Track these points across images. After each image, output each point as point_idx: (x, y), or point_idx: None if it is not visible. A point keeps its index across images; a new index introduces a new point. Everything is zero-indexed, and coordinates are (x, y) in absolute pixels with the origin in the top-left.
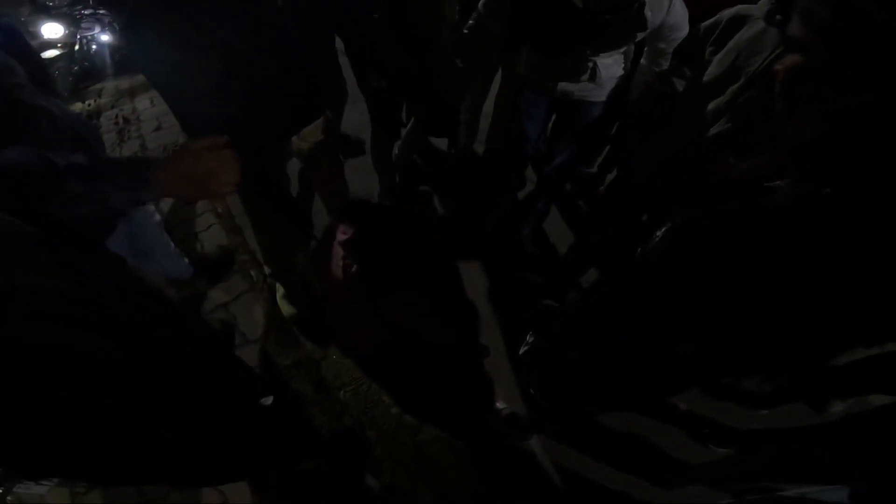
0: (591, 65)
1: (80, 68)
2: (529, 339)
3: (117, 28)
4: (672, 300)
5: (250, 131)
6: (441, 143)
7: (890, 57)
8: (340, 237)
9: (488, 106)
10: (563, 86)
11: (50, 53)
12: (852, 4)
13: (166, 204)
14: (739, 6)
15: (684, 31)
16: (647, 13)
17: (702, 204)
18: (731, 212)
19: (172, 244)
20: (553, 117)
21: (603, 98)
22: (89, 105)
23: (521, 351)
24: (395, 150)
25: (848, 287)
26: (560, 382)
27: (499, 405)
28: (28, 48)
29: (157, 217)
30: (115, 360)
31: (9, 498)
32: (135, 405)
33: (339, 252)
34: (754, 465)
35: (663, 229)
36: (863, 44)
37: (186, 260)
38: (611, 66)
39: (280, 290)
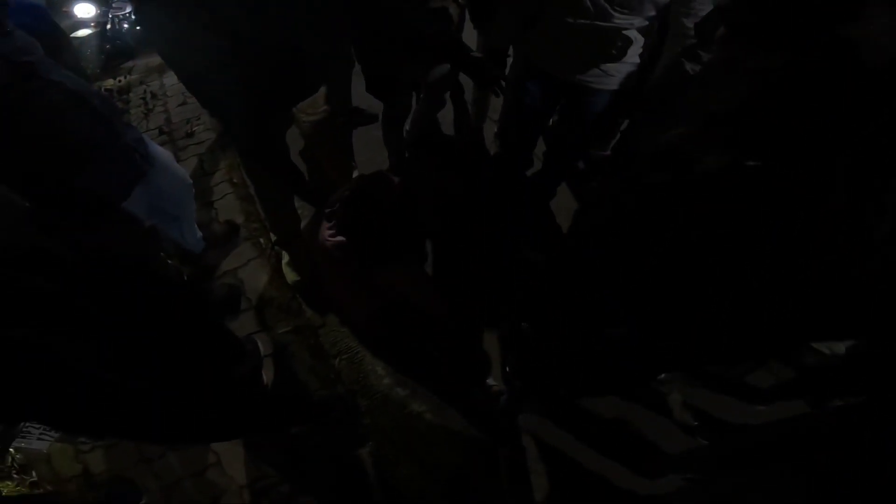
0: (601, 39)
1: (112, 46)
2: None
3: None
4: (607, 271)
5: (254, 102)
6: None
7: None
8: (328, 209)
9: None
10: (570, 68)
11: (83, 32)
12: None
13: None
14: None
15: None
16: None
17: (624, 179)
18: (648, 185)
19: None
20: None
21: (613, 87)
22: (119, 81)
23: (499, 331)
24: (406, 127)
25: (773, 262)
26: (533, 362)
27: (490, 382)
28: (55, 27)
29: (190, 181)
30: (114, 322)
31: (17, 455)
32: (129, 364)
33: (325, 224)
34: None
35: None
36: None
37: (200, 234)
38: (633, 44)
39: (285, 258)
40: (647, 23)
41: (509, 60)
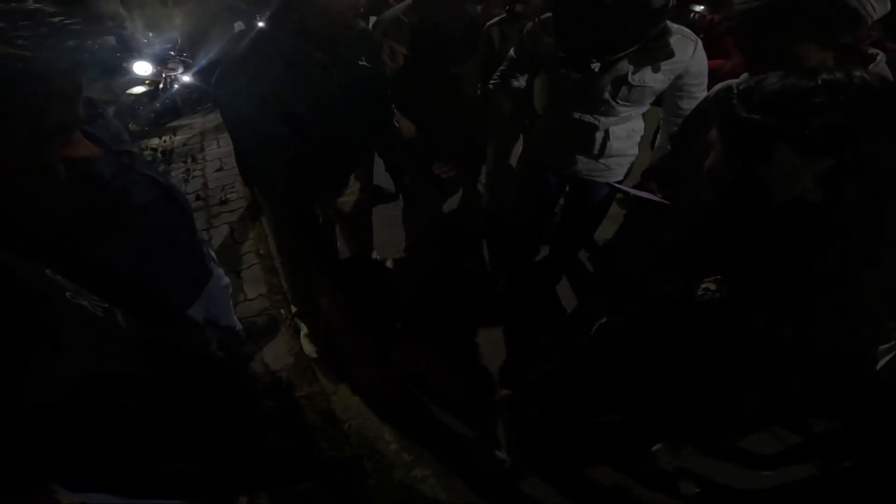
0: (601, 135)
1: (162, 105)
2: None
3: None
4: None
5: (301, 181)
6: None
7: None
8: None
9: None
10: (570, 162)
11: (137, 90)
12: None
13: (215, 241)
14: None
15: (704, 82)
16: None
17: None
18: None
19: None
20: (562, 196)
21: (616, 178)
22: (164, 142)
23: (502, 404)
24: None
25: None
26: (535, 437)
27: (498, 454)
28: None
29: (227, 281)
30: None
31: None
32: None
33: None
34: None
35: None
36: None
37: (240, 326)
38: (623, 139)
39: (303, 329)
40: (648, 108)
41: None
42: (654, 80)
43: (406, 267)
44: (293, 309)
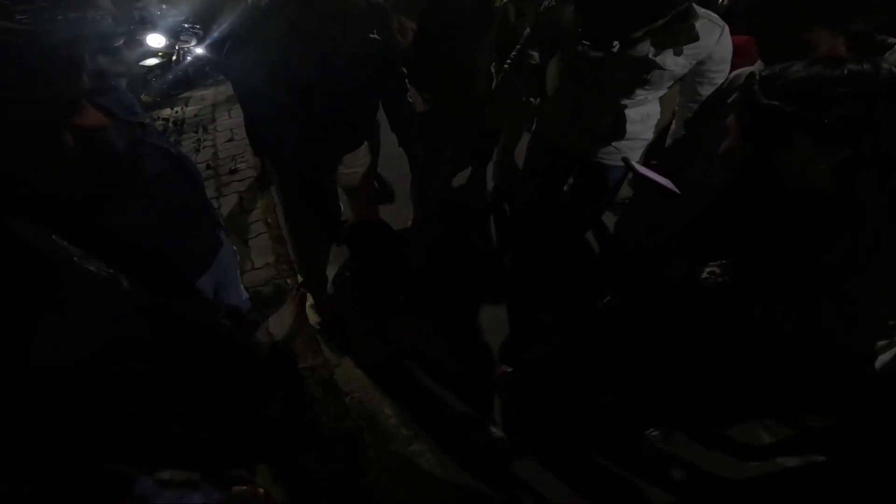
0: (615, 118)
1: (174, 77)
2: (502, 374)
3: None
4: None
5: (312, 148)
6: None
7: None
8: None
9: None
10: (581, 143)
11: (151, 61)
12: None
13: (224, 210)
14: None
15: (726, 70)
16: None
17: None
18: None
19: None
20: (571, 176)
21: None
22: (176, 112)
23: (501, 382)
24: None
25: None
26: (534, 417)
27: (492, 430)
28: None
29: (234, 249)
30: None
31: None
32: (195, 418)
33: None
34: None
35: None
36: None
37: (246, 295)
38: (637, 123)
39: (309, 300)
40: (665, 92)
41: None
42: (674, 63)
43: (412, 240)
44: (299, 279)
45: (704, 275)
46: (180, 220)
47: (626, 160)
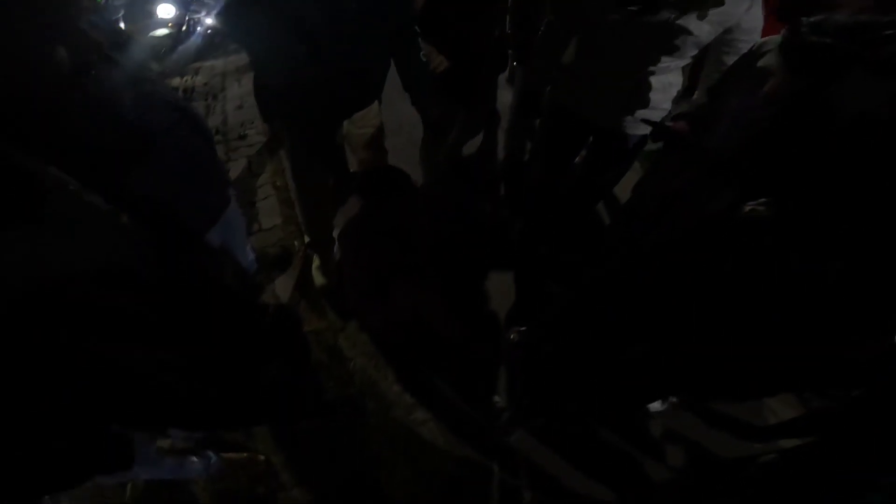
0: (634, 85)
1: (184, 47)
2: (514, 333)
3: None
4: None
5: (322, 104)
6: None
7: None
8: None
9: None
10: (598, 110)
11: (160, 32)
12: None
13: (233, 174)
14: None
15: (754, 39)
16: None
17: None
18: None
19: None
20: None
21: (646, 132)
22: (185, 81)
23: (508, 344)
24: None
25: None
26: (543, 377)
27: (496, 399)
28: None
29: (239, 210)
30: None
31: None
32: (191, 370)
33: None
34: None
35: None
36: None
37: (252, 255)
38: (658, 91)
39: (315, 262)
40: (689, 61)
41: None
42: (699, 28)
43: (420, 202)
44: (306, 240)
45: (746, 210)
46: (190, 173)
47: (644, 119)
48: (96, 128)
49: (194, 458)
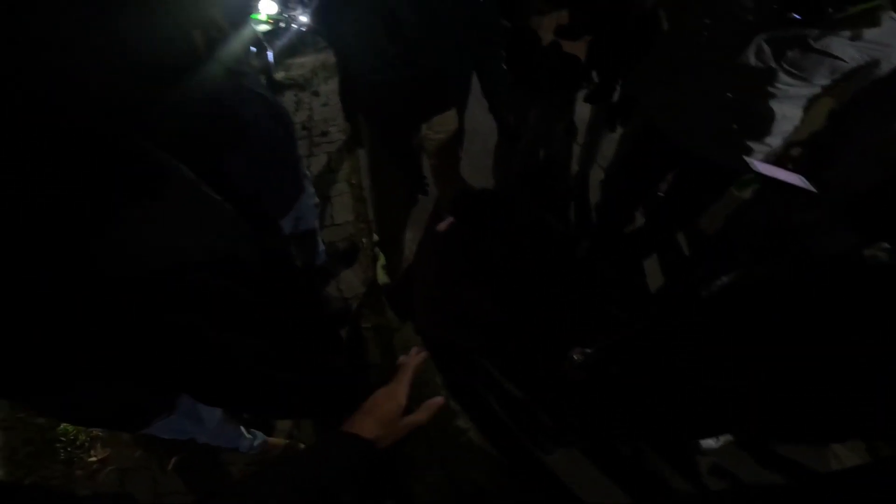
0: (743, 112)
1: (281, 43)
2: (578, 354)
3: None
4: (722, 338)
5: (400, 107)
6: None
7: None
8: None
9: None
10: (695, 135)
11: (263, 28)
12: None
13: (313, 169)
14: None
15: None
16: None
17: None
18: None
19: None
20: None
21: (738, 165)
22: (279, 76)
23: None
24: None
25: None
26: (604, 400)
27: (543, 418)
28: None
29: (316, 200)
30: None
31: None
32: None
33: (434, 239)
34: None
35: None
36: None
37: (323, 246)
38: (768, 121)
39: (382, 260)
40: (818, 90)
41: None
42: (842, 50)
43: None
44: (375, 238)
45: (869, 253)
46: (270, 161)
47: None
48: (199, 116)
49: (247, 434)
